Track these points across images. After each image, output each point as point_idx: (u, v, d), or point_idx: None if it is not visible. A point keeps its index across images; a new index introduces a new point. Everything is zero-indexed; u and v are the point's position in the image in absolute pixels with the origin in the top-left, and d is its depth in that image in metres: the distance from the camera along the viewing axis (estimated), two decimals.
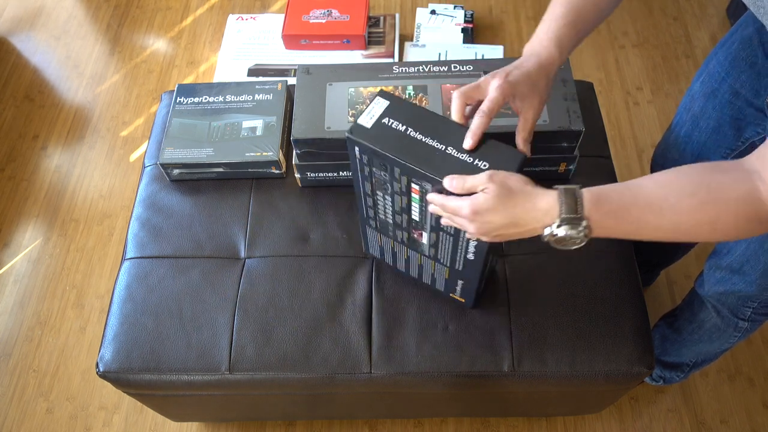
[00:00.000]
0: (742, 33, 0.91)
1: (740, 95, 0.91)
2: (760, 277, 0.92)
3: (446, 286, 0.97)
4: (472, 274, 0.90)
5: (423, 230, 0.87)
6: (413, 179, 0.77)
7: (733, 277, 0.97)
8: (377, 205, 0.89)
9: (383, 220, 0.91)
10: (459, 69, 1.05)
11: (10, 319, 1.55)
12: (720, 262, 0.99)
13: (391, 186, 0.82)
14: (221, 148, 1.10)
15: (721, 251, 0.99)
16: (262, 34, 1.88)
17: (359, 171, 0.84)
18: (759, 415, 1.38)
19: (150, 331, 1.00)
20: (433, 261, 0.93)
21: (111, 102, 1.91)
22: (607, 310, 0.99)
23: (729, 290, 0.99)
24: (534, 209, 0.68)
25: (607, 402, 1.18)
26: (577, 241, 0.67)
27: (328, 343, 0.98)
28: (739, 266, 0.94)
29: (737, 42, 0.92)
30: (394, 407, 1.21)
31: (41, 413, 1.43)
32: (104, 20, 2.11)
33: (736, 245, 0.94)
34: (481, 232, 0.71)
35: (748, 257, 0.92)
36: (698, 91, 1.01)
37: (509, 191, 0.68)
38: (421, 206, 0.82)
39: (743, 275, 0.95)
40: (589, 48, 1.97)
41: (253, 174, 1.13)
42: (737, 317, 1.02)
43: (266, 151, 1.10)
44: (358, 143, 0.78)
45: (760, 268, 0.91)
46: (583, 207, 0.66)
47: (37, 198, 1.74)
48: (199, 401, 1.12)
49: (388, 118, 0.79)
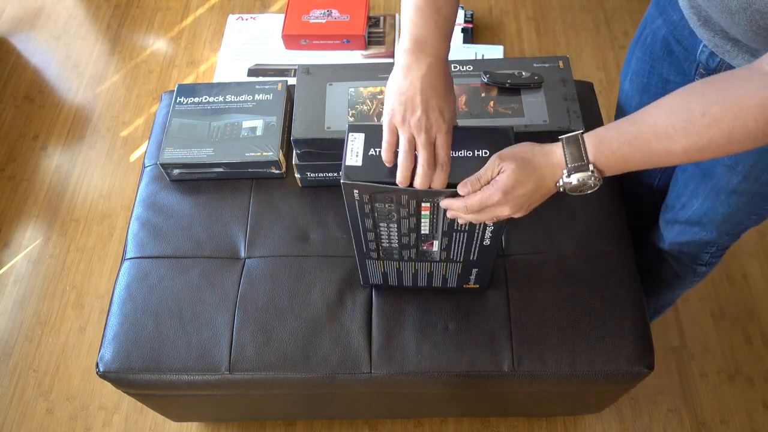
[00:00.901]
0: (652, 26, 0.95)
1: (670, 81, 0.94)
2: (719, 225, 0.96)
3: (459, 280, 0.97)
4: (487, 258, 0.90)
5: (434, 239, 0.86)
6: (423, 198, 0.76)
7: (693, 228, 1.01)
8: (380, 236, 0.87)
9: (387, 248, 0.90)
10: (459, 69, 1.05)
11: (10, 319, 1.55)
12: (677, 216, 1.02)
13: (397, 213, 0.80)
14: (221, 148, 1.10)
15: (675, 206, 1.02)
16: (262, 34, 1.88)
17: (358, 210, 0.80)
18: (759, 415, 1.38)
19: (150, 331, 1.00)
20: (444, 263, 0.93)
21: (111, 102, 1.91)
22: (607, 310, 0.99)
23: (690, 240, 1.03)
24: (550, 164, 0.70)
25: (607, 402, 1.18)
26: (591, 185, 0.68)
27: (328, 343, 0.98)
28: (698, 219, 0.98)
29: (650, 36, 0.95)
30: (394, 407, 1.21)
31: (41, 413, 1.43)
32: (104, 20, 2.11)
33: (690, 200, 0.97)
34: (516, 208, 0.71)
35: (705, 210, 0.96)
36: (630, 89, 1.03)
37: (524, 159, 0.69)
38: (431, 219, 0.81)
39: (703, 226, 0.99)
40: (589, 48, 1.97)
41: (253, 174, 1.13)
42: (696, 263, 1.08)
43: (266, 151, 1.10)
44: (357, 186, 0.75)
45: (718, 218, 0.95)
46: (588, 152, 0.67)
47: (37, 198, 1.74)
48: (199, 401, 1.12)
49: (372, 149, 0.76)
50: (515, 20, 2.03)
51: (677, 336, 1.48)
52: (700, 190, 0.95)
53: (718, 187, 0.92)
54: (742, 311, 1.51)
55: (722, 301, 1.52)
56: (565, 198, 1.10)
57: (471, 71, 1.05)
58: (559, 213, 1.08)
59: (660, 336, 1.47)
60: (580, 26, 2.02)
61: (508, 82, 1.02)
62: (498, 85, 1.03)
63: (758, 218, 0.96)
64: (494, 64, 1.06)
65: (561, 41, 1.99)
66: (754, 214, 0.95)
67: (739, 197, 0.91)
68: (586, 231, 1.07)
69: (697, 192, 0.96)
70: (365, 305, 1.01)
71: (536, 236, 1.06)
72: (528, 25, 2.02)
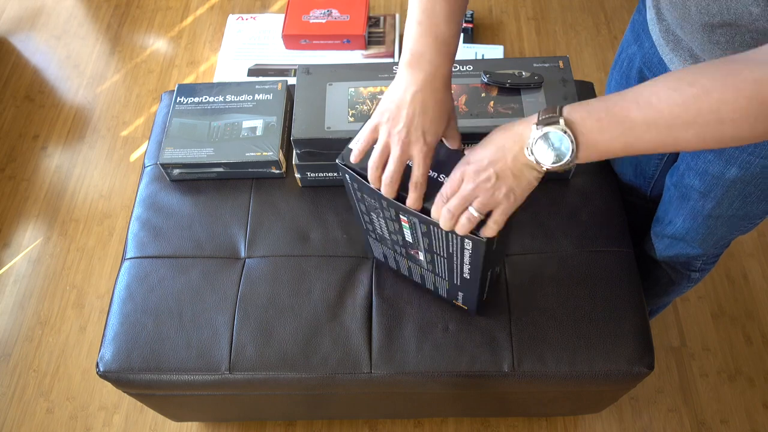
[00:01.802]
0: (628, 51, 0.97)
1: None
2: (701, 243, 1.00)
3: (448, 294, 0.97)
4: (470, 289, 0.89)
5: (419, 250, 0.87)
6: (400, 212, 0.77)
7: (679, 243, 1.04)
8: (373, 223, 0.88)
9: (381, 235, 0.91)
10: (459, 69, 1.05)
11: (10, 319, 1.55)
12: (664, 230, 1.04)
13: (382, 212, 0.81)
14: (221, 148, 1.10)
15: (663, 220, 1.04)
16: (262, 34, 1.88)
17: (352, 194, 0.83)
18: (759, 415, 1.38)
19: (150, 331, 1.00)
20: (432, 274, 0.93)
21: (111, 102, 1.91)
22: (607, 310, 0.99)
23: (678, 253, 1.06)
24: (516, 128, 0.65)
25: (607, 402, 1.18)
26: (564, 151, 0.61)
27: (328, 343, 0.98)
28: (681, 235, 1.01)
29: (626, 61, 0.97)
30: (394, 407, 1.21)
31: (41, 413, 1.43)
32: (104, 20, 2.11)
33: (674, 218, 0.99)
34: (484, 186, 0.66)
35: (687, 229, 0.98)
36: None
37: (480, 145, 0.68)
38: (412, 232, 0.81)
39: (687, 242, 1.02)
40: (589, 48, 1.97)
41: (253, 174, 1.13)
42: (689, 270, 1.11)
43: (266, 151, 1.10)
44: (345, 169, 0.76)
45: (699, 238, 0.99)
46: (562, 109, 0.62)
47: (37, 198, 1.74)
48: (199, 401, 1.12)
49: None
50: (515, 20, 2.03)
51: (677, 336, 1.48)
52: (681, 211, 0.97)
53: (695, 210, 0.93)
54: (742, 311, 1.51)
55: (722, 300, 1.52)
56: (565, 198, 1.10)
57: (471, 71, 1.05)
58: (559, 213, 1.08)
59: (660, 336, 1.47)
60: (580, 26, 2.02)
61: (508, 82, 1.02)
62: (498, 85, 1.03)
63: (742, 232, 0.97)
64: (494, 64, 1.06)
65: (561, 41, 1.99)
66: (736, 231, 0.96)
67: (716, 220, 0.93)
68: (586, 231, 1.07)
69: (678, 212, 0.98)
70: (365, 305, 1.01)
71: (536, 236, 1.06)
72: (528, 25, 2.02)
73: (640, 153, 0.61)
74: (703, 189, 0.89)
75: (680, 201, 0.96)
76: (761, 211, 0.90)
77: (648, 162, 1.06)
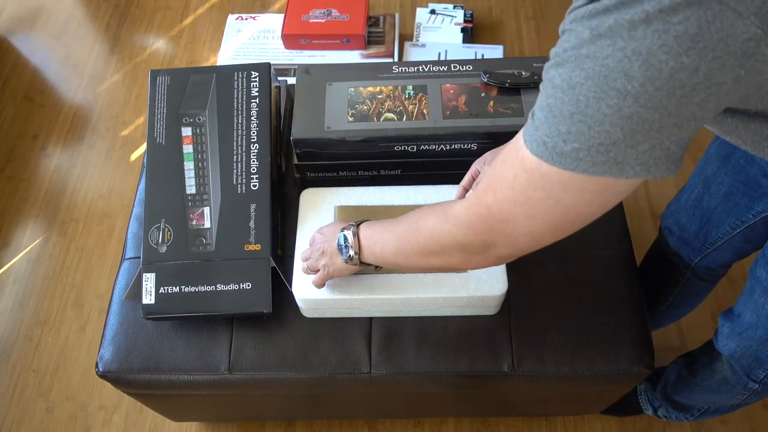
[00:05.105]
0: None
1: (755, 162, 0.86)
2: (758, 346, 0.91)
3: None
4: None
5: None
6: None
7: (738, 340, 0.94)
8: None
9: None
10: (459, 69, 1.05)
11: (9, 319, 1.55)
12: (728, 320, 0.96)
13: None
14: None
15: (733, 311, 0.96)
16: (262, 33, 1.87)
17: None
18: (759, 415, 1.38)
19: (150, 331, 1.00)
20: None
21: (111, 102, 1.91)
22: (607, 310, 0.99)
23: (735, 352, 0.96)
24: (333, 226, 0.90)
25: (607, 402, 1.18)
26: (345, 242, 0.83)
27: (327, 343, 0.98)
28: (741, 331, 0.92)
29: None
30: (394, 407, 1.21)
31: (41, 413, 1.43)
32: (104, 20, 2.11)
33: (743, 312, 0.91)
34: (313, 260, 0.90)
35: (749, 325, 0.90)
36: (714, 154, 0.95)
37: (333, 223, 0.93)
38: None
39: (745, 339, 0.92)
40: None
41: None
42: (748, 377, 0.97)
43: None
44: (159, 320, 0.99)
45: (757, 338, 0.90)
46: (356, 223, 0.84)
47: (36, 198, 1.74)
48: (198, 401, 1.12)
49: (162, 287, 0.97)
50: (515, 20, 2.03)
51: (677, 336, 1.48)
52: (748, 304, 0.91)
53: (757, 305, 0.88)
54: None
55: (722, 300, 1.52)
56: None
57: (471, 71, 1.05)
58: None
59: (660, 336, 1.47)
60: None
61: (508, 81, 1.02)
62: (498, 84, 1.03)
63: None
64: (494, 63, 1.06)
65: None
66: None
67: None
68: (586, 231, 1.06)
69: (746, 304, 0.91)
70: None
71: None
72: (528, 25, 2.02)
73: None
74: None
75: (748, 293, 0.89)
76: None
77: (720, 222, 0.98)
